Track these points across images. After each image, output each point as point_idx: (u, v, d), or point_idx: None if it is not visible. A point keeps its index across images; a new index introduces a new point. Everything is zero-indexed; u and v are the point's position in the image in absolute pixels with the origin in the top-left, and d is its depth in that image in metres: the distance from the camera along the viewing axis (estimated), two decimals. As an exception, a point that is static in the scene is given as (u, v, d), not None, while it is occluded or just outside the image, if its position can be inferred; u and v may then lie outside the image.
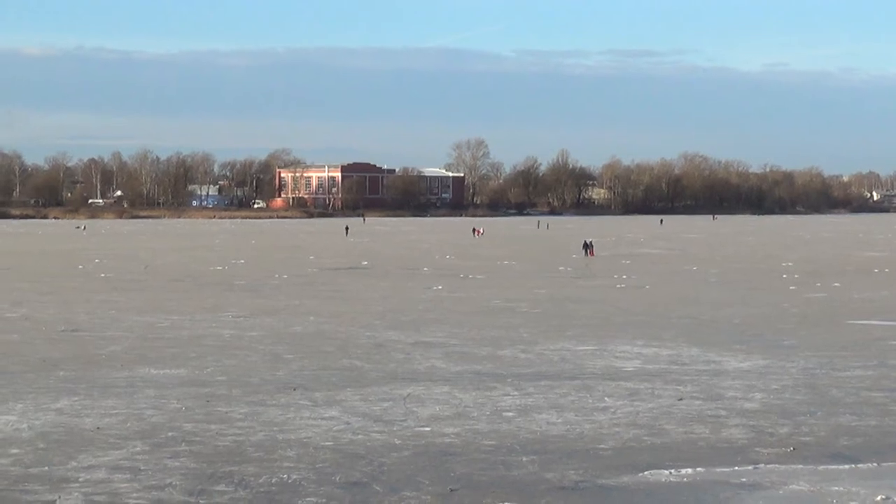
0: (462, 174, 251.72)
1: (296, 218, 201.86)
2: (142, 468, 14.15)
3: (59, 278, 50.76)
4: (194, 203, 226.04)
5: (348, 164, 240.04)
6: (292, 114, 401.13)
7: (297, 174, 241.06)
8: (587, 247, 72.43)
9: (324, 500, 12.82)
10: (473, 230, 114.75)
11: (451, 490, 13.25)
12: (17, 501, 12.73)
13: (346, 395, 19.37)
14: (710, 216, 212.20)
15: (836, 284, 46.92)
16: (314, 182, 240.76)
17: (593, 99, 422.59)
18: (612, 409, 18.14)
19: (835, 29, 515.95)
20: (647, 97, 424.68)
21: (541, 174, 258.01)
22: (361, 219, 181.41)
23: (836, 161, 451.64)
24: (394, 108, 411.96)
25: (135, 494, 12.98)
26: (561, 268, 59.03)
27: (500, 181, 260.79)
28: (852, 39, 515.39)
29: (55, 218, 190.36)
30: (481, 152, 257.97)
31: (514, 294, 41.50)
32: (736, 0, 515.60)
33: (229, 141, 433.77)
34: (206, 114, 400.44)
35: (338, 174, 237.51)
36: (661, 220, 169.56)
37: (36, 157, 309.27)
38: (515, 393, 19.68)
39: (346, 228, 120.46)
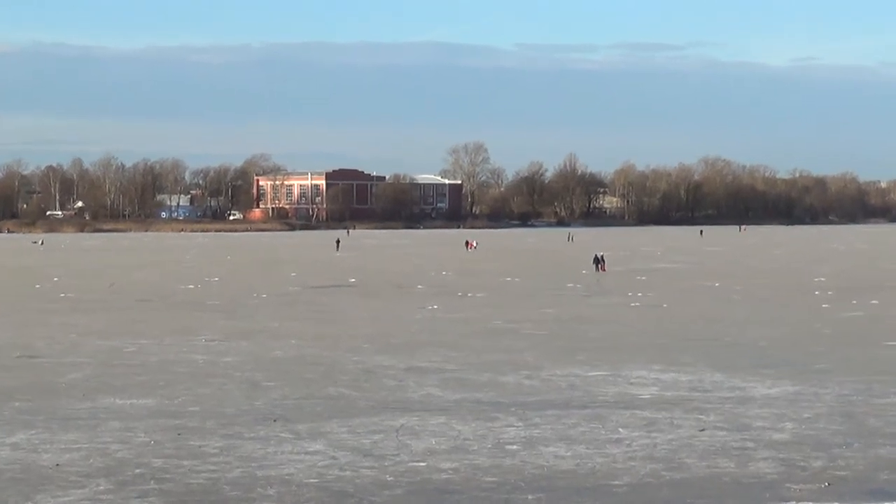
0: (459, 181, 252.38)
1: (276, 230, 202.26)
2: (106, 509, 14.12)
3: (14, 299, 50.75)
4: (163, 215, 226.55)
5: (333, 171, 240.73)
6: (271, 116, 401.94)
7: (277, 182, 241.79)
8: (598, 261, 72.51)
9: (308, 544, 12.80)
10: (466, 243, 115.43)
11: (449, 532, 13.24)
12: (-32, 547, 12.71)
13: (332, 427, 19.36)
14: (736, 227, 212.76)
15: (873, 301, 46.98)
16: (296, 191, 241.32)
17: (603, 98, 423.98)
18: (627, 441, 18.15)
19: (870, 19, 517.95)
20: (662, 95, 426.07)
21: (546, 181, 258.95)
22: (347, 231, 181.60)
23: (873, 165, 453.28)
24: (383, 108, 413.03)
25: (98, 538, 12.96)
26: (569, 284, 59.09)
27: (502, 189, 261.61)
28: (890, 30, 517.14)
29: (9, 231, 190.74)
30: (480, 157, 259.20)
31: (518, 314, 41.52)
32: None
33: (202, 146, 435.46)
34: (177, 116, 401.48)
35: (322, 182, 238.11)
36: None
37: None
38: (520, 424, 19.68)
39: (337, 242, 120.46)
